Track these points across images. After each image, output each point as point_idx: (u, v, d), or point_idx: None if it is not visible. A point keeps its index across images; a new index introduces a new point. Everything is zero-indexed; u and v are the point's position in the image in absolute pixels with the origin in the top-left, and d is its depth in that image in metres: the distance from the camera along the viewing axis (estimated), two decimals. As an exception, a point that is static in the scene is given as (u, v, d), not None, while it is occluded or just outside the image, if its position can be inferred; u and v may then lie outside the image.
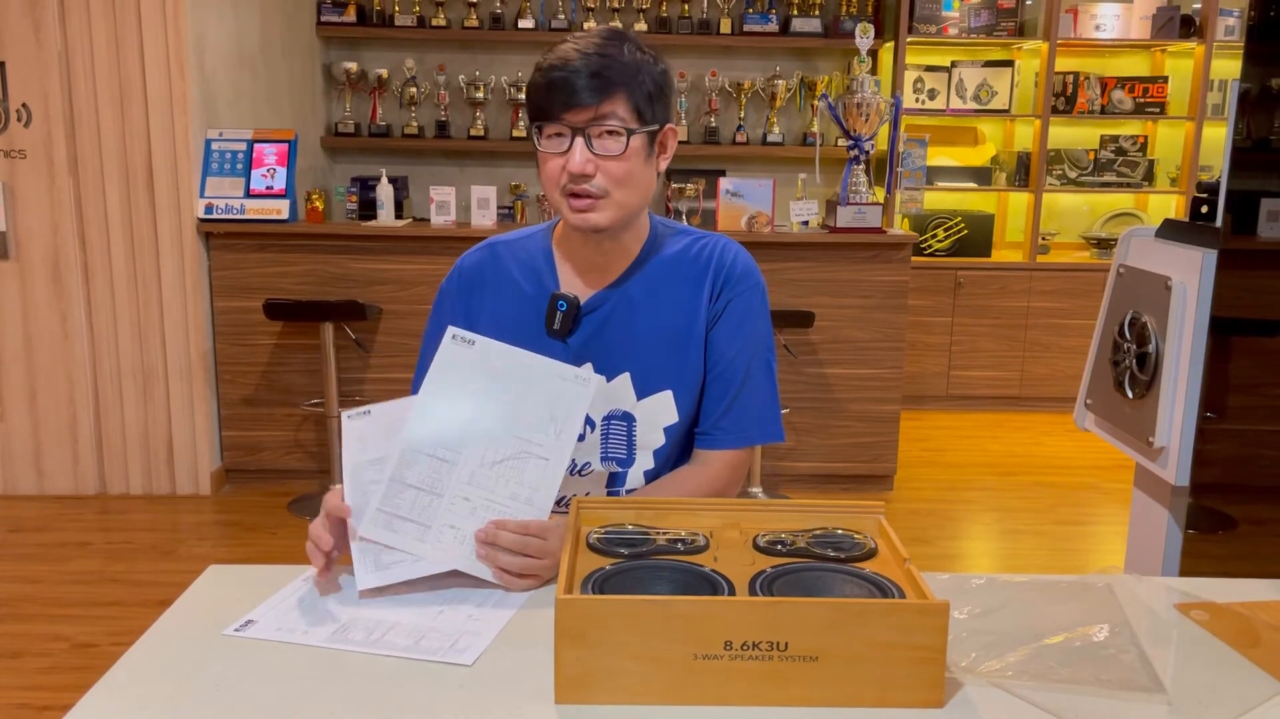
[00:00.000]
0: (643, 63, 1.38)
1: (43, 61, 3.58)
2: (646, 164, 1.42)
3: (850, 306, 3.86)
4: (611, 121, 1.35)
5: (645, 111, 1.38)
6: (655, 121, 1.40)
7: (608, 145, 1.36)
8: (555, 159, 1.38)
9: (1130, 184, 5.29)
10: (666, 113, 1.43)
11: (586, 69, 1.34)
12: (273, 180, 3.82)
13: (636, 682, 0.98)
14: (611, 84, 1.35)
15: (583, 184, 1.37)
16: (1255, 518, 2.31)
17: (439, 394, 1.23)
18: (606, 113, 1.35)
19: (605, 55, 1.35)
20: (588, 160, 1.36)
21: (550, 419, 1.26)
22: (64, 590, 3.05)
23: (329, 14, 5.06)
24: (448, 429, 1.23)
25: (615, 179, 1.38)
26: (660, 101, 1.41)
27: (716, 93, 5.23)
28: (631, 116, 1.37)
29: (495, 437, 1.24)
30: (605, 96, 1.34)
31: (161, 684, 1.03)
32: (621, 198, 1.40)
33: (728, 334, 1.49)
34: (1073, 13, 5.09)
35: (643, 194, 1.44)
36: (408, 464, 1.20)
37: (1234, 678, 1.08)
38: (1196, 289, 1.95)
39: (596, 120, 1.35)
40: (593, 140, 1.36)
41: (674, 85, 1.44)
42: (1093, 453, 4.45)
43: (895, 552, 1.16)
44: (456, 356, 1.24)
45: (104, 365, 3.78)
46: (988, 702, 1.01)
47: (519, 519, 1.23)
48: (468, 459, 1.23)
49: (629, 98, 1.36)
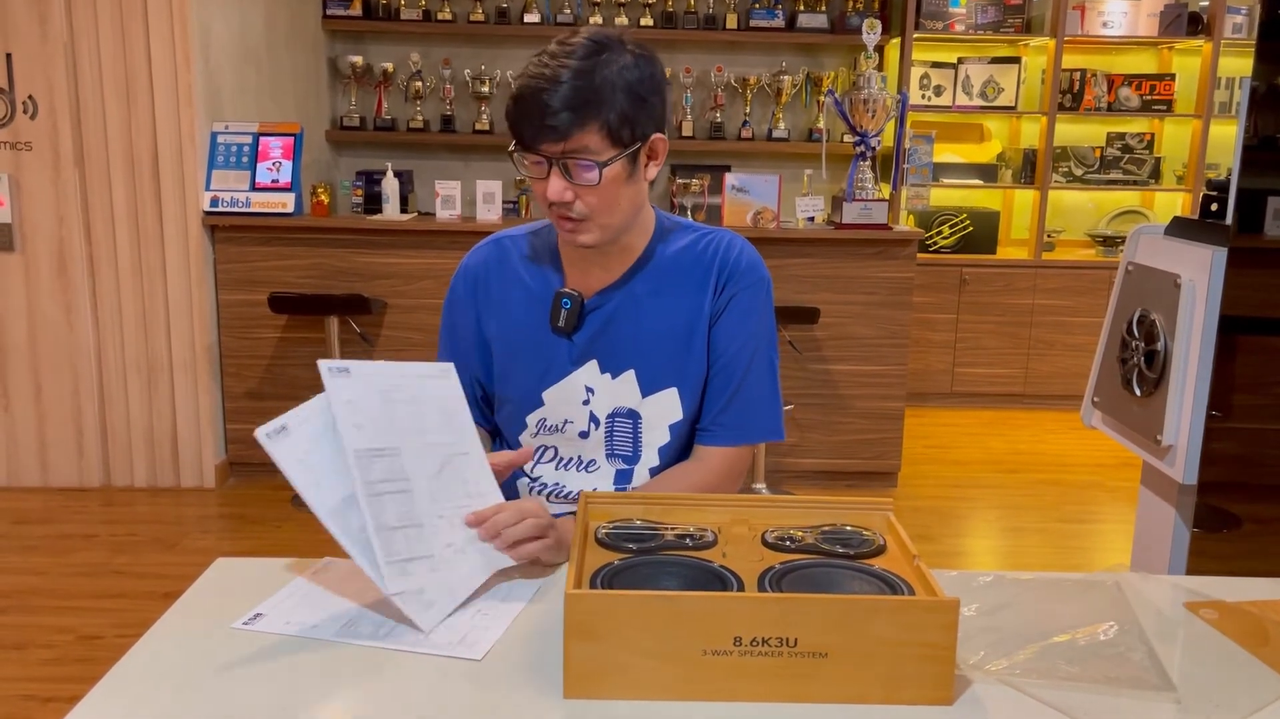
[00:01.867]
0: (619, 77, 1.31)
1: (48, 53, 3.58)
2: (629, 183, 1.37)
3: (855, 303, 3.85)
4: (583, 156, 1.31)
5: (621, 133, 1.32)
6: (636, 140, 1.35)
7: (582, 174, 1.33)
8: (539, 182, 1.36)
9: (1136, 182, 5.28)
10: (651, 123, 1.36)
11: (557, 99, 1.28)
12: (278, 174, 3.81)
13: (645, 677, 0.98)
14: (582, 114, 1.29)
15: (564, 210, 1.36)
16: (1261, 517, 2.30)
17: (358, 429, 1.19)
18: (576, 147, 1.31)
19: (576, 82, 1.28)
20: (565, 189, 1.34)
21: (446, 416, 1.27)
22: (68, 582, 3.06)
23: (334, 7, 5.05)
24: (387, 461, 1.20)
25: (594, 207, 1.35)
26: (642, 115, 1.34)
27: (722, 88, 5.22)
28: (605, 145, 1.32)
29: (420, 451, 1.23)
30: (576, 128, 1.29)
31: (171, 677, 1.03)
32: (605, 220, 1.38)
33: (730, 329, 1.48)
34: (1080, 9, 5.07)
35: (630, 210, 1.41)
36: (380, 509, 1.17)
37: (1243, 676, 1.07)
38: (1206, 287, 1.94)
39: (567, 154, 1.31)
40: (568, 169, 1.33)
41: (661, 85, 1.36)
42: (1097, 451, 4.45)
43: (904, 548, 1.15)
44: (343, 389, 1.20)
45: (109, 358, 3.79)
46: (997, 699, 1.01)
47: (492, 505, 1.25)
48: (417, 481, 1.21)
49: (601, 125, 1.30)
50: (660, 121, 1.40)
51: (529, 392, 1.50)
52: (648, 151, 1.39)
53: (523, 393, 1.51)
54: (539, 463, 1.53)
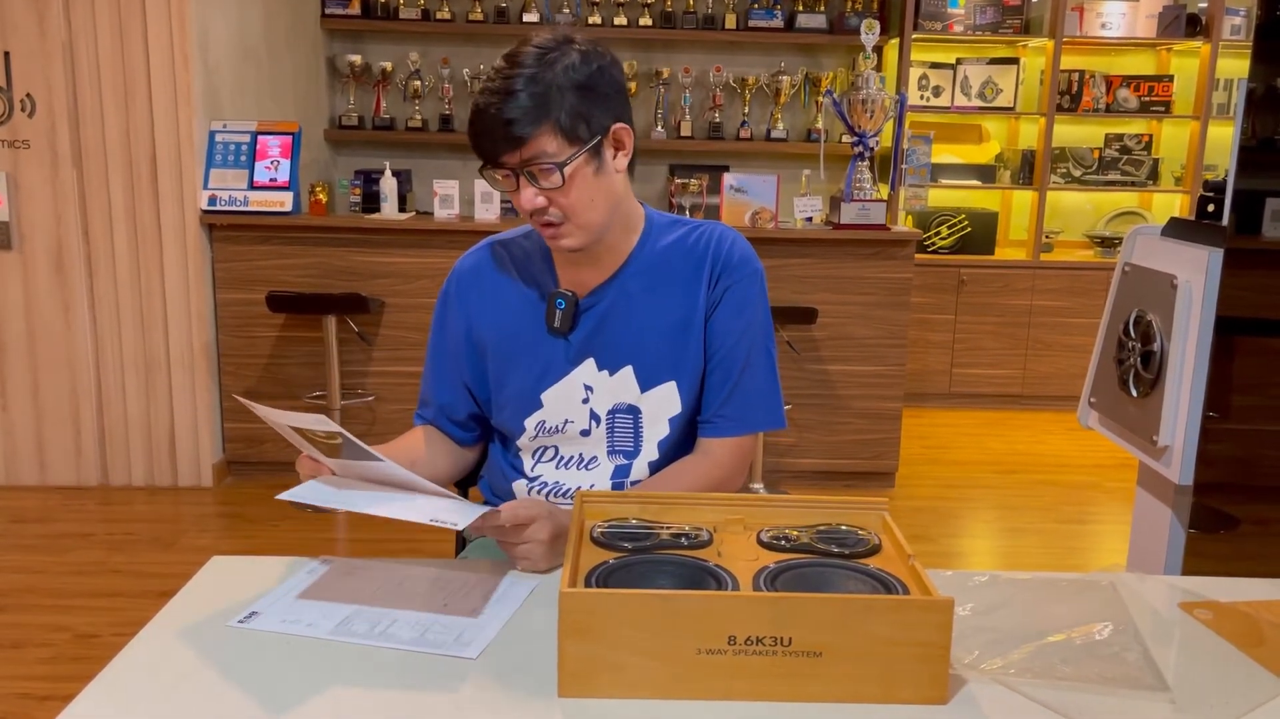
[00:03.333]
0: (565, 77, 1.31)
1: (47, 52, 3.58)
2: (599, 176, 1.38)
3: (853, 303, 3.86)
4: (542, 161, 1.32)
5: (577, 130, 1.33)
6: (594, 134, 1.35)
7: (548, 179, 1.34)
8: (515, 194, 1.38)
9: (1134, 183, 5.28)
10: (608, 114, 1.37)
11: (502, 114, 1.29)
12: (276, 173, 3.81)
13: (640, 676, 0.98)
14: (532, 119, 1.29)
15: (542, 217, 1.37)
16: (1258, 518, 2.30)
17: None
18: (533, 154, 1.32)
19: (516, 92, 1.29)
20: (536, 195, 1.35)
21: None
22: (66, 581, 3.06)
23: (333, 6, 5.05)
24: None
25: (567, 208, 1.37)
26: (596, 109, 1.34)
27: (721, 88, 5.22)
28: (561, 146, 1.32)
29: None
30: (527, 136, 1.30)
31: (166, 674, 1.03)
32: (583, 220, 1.39)
33: (726, 322, 1.49)
34: (1078, 10, 5.07)
35: (606, 206, 1.41)
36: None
37: (1238, 677, 1.07)
38: (1202, 288, 1.95)
39: (527, 162, 1.33)
40: (534, 176, 1.34)
41: (614, 76, 1.38)
42: (1094, 452, 4.45)
43: (899, 548, 1.16)
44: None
45: (106, 356, 3.79)
46: (991, 699, 1.01)
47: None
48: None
49: (553, 126, 1.31)
50: (619, 112, 1.39)
51: (527, 394, 1.50)
52: (611, 143, 1.39)
53: (521, 395, 1.51)
54: (539, 462, 1.53)
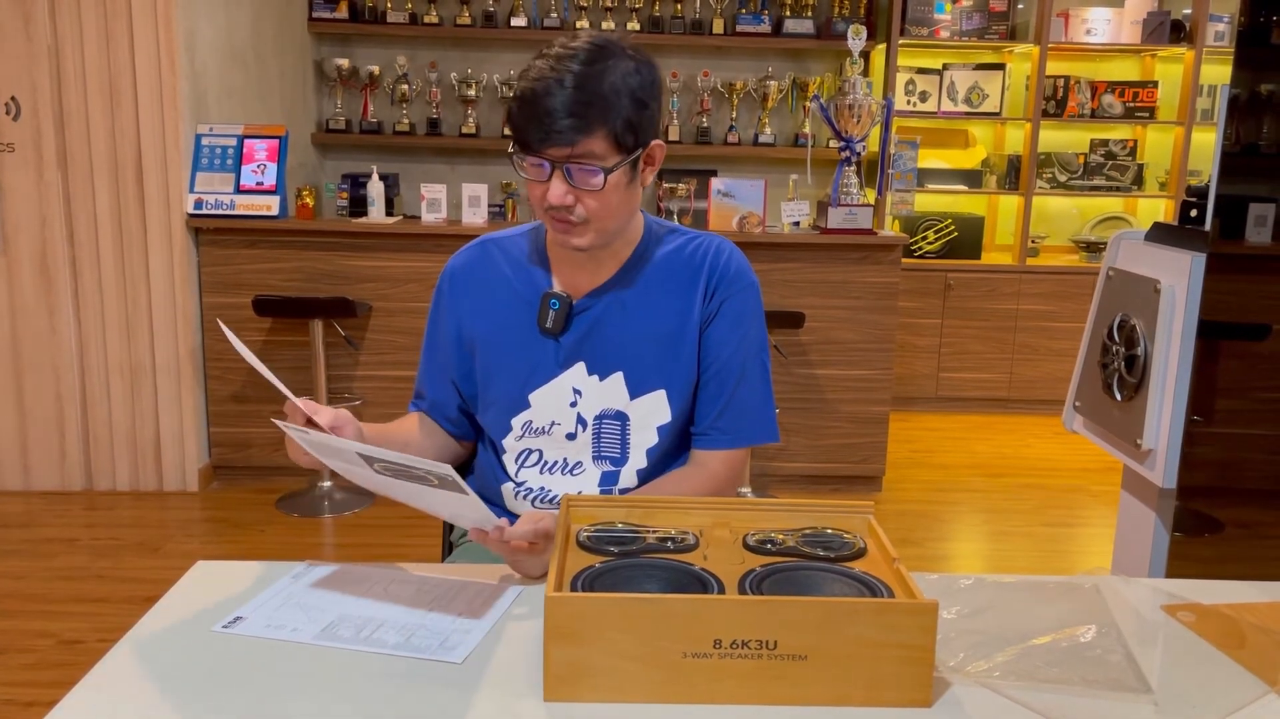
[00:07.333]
0: (624, 83, 1.32)
1: (32, 54, 3.56)
2: (629, 188, 1.40)
3: (840, 308, 3.87)
4: (588, 162, 1.33)
5: (625, 140, 1.34)
6: (638, 146, 1.37)
7: (587, 179, 1.34)
8: (537, 185, 1.37)
9: (1119, 188, 5.31)
10: (651, 129, 1.38)
11: (564, 104, 1.29)
12: (263, 176, 3.80)
13: (625, 680, 0.98)
14: (589, 120, 1.30)
15: (564, 214, 1.37)
16: (1241, 521, 2.32)
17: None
18: (583, 153, 1.32)
19: (583, 86, 1.30)
20: (567, 192, 1.35)
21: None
22: (50, 587, 3.04)
23: (321, 10, 5.04)
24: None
25: (594, 211, 1.37)
26: (645, 121, 1.36)
27: (708, 93, 5.23)
28: (610, 151, 1.33)
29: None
30: (583, 134, 1.30)
31: (149, 680, 1.03)
32: (602, 224, 1.39)
33: (722, 334, 1.49)
34: (1064, 17, 5.10)
35: (626, 215, 1.43)
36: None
37: (1220, 679, 1.08)
38: (1185, 292, 1.96)
39: (573, 159, 1.33)
40: (572, 174, 1.34)
41: (661, 91, 1.39)
42: (1080, 455, 4.47)
43: (884, 551, 1.16)
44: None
45: (92, 361, 3.77)
46: (975, 702, 1.02)
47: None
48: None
49: (608, 132, 1.32)
50: (659, 128, 1.42)
51: (515, 394, 1.50)
52: (646, 157, 1.41)
53: (508, 395, 1.51)
54: (523, 467, 1.53)
